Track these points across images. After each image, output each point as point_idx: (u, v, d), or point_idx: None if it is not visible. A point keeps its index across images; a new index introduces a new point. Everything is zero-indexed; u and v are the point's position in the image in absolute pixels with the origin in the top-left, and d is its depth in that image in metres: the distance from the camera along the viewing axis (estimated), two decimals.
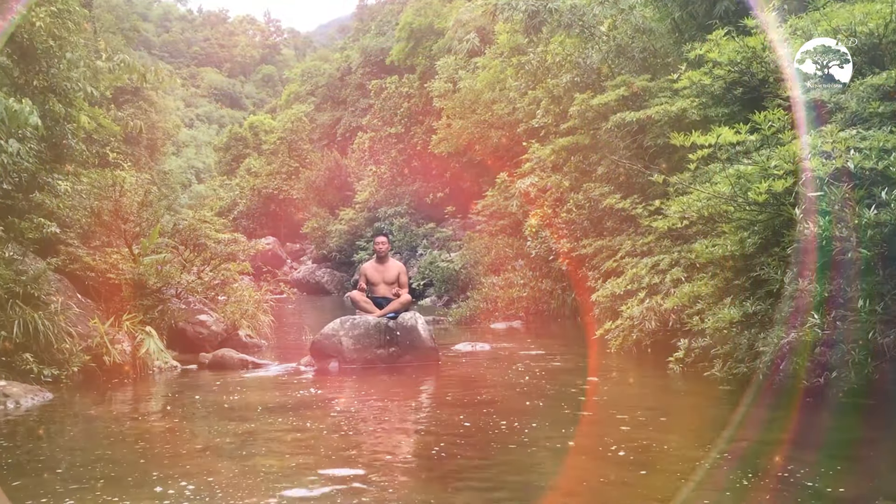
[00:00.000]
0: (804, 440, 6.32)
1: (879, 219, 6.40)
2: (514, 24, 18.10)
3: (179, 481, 5.44)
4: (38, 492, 5.24)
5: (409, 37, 43.17)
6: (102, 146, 19.85)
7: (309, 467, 5.79)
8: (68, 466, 6.17)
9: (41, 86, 9.19)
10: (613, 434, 6.79)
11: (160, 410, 8.90)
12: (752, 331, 8.49)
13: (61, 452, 6.80)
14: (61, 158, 12.85)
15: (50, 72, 9.33)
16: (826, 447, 6.07)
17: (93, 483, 5.51)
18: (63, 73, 9.60)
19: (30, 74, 9.04)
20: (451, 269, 23.71)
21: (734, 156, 8.62)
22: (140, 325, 11.08)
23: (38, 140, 10.80)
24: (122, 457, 6.48)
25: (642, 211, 12.10)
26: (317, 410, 8.21)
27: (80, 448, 6.89)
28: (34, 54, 9.00)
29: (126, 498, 5.05)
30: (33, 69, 9.07)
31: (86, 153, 14.27)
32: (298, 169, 47.45)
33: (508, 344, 13.71)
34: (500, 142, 27.27)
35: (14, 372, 9.32)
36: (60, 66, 9.44)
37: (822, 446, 6.08)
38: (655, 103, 13.43)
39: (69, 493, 5.23)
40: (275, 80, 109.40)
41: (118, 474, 5.76)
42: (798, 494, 4.90)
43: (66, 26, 9.17)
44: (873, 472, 5.41)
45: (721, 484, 5.28)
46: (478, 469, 5.56)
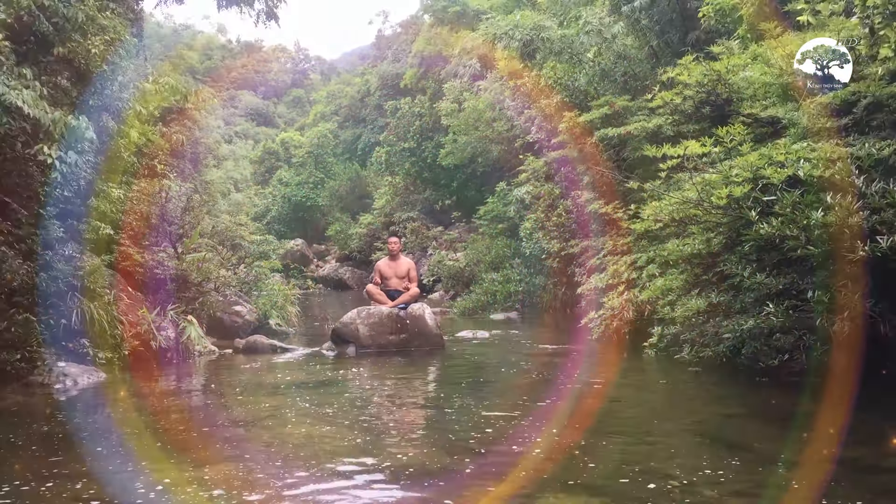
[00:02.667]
0: (758, 413, 6.38)
1: (826, 220, 6.43)
2: (511, 52, 18.12)
3: (218, 448, 5.53)
4: (93, 457, 5.34)
5: (420, 63, 43.15)
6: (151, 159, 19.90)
7: (331, 435, 5.87)
8: (119, 436, 6.26)
9: (96, 105, 9.27)
10: (591, 407, 6.86)
11: (200, 388, 9.00)
12: (717, 319, 8.52)
13: (113, 424, 6.90)
14: (115, 169, 12.93)
15: (104, 93, 9.41)
16: (777, 419, 6.12)
17: (141, 450, 5.60)
18: (115, 94, 9.68)
19: (86, 95, 9.13)
20: (457, 266, 23.74)
21: (701, 166, 8.66)
22: (182, 315, 11.16)
23: (94, 153, 10.89)
24: (167, 427, 6.58)
25: (622, 215, 12.11)
26: (337, 387, 8.30)
27: (130, 420, 6.98)
28: (90, 77, 9.09)
29: (171, 462, 5.14)
30: (89, 90, 9.16)
31: (136, 165, 14.35)
32: (324, 179, 47.46)
33: (505, 332, 13.77)
34: (500, 155, 27.32)
35: (73, 355, 9.40)
36: (113, 87, 9.52)
37: (774, 419, 6.14)
38: (634, 120, 13.46)
39: (120, 459, 5.32)
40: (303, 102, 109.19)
41: (163, 442, 5.85)
42: (750, 458, 4.96)
43: (119, 53, 9.27)
44: (818, 439, 5.45)
45: (683, 450, 5.35)
46: (474, 438, 5.62)
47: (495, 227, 23.42)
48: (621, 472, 4.68)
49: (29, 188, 9.74)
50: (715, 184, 7.66)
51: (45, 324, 9.19)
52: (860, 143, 6.84)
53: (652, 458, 5.01)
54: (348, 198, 45.67)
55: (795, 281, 7.50)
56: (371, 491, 4.40)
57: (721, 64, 9.42)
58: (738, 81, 9.22)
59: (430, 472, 4.77)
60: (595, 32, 15.31)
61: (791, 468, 4.65)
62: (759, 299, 7.63)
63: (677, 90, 9.99)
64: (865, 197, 6.24)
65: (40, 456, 5.45)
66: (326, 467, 4.91)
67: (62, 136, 7.45)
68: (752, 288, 7.84)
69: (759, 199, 6.98)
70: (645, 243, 12.21)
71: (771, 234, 6.66)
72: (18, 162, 9.00)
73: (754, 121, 8.83)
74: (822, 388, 7.04)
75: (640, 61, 15.68)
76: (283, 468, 4.92)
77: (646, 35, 15.68)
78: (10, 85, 6.56)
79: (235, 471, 4.88)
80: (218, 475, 4.76)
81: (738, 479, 4.45)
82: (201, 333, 11.28)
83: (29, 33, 8.83)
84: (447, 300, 22.92)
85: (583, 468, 4.77)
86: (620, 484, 4.40)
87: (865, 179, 6.35)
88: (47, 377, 8.52)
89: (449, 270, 24.19)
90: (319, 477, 4.70)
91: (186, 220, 13.56)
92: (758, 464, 4.82)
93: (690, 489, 4.27)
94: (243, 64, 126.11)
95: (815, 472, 4.56)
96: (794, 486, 4.30)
